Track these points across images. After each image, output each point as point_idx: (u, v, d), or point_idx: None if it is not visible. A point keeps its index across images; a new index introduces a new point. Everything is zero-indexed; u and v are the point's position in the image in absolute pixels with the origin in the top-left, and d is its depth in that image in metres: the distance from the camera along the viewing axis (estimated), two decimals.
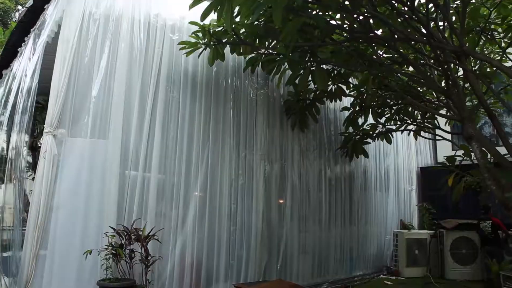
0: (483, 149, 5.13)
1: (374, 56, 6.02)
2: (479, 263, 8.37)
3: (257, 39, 5.63)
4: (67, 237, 4.82)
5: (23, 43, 6.74)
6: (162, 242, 5.32)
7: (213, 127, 6.24)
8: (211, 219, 6.04)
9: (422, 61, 6.32)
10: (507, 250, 7.79)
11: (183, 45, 5.71)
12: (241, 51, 5.84)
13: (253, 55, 6.07)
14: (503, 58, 5.77)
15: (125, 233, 4.95)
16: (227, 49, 5.93)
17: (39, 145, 6.72)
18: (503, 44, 5.94)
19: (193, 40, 5.69)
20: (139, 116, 5.51)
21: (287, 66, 5.58)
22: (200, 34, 5.63)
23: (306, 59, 5.58)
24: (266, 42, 5.81)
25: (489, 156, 5.15)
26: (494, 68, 5.68)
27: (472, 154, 5.27)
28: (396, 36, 5.40)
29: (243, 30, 5.51)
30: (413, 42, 5.45)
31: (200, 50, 5.81)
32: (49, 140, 4.78)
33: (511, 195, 4.54)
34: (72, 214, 4.90)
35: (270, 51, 5.94)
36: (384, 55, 6.62)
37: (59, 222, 4.79)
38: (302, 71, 5.63)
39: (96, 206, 5.06)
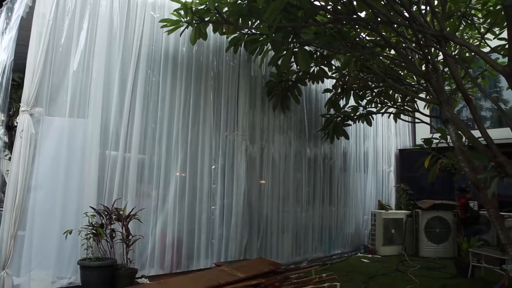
0: (459, 132, 5.29)
1: (357, 39, 6.04)
2: (451, 241, 8.73)
3: (240, 19, 5.56)
4: (46, 217, 4.79)
5: None
6: (143, 222, 5.34)
7: (193, 107, 6.21)
8: (192, 198, 6.09)
9: (403, 45, 6.38)
10: (479, 229, 8.16)
11: (165, 23, 5.59)
12: (224, 30, 5.76)
13: (235, 34, 6.00)
14: (482, 44, 5.88)
15: (106, 213, 4.95)
16: (209, 28, 5.85)
17: (15, 124, 6.54)
18: (482, 30, 6.04)
19: (174, 18, 5.57)
20: (119, 96, 5.43)
21: (270, 47, 5.55)
22: (182, 12, 5.51)
23: (289, 40, 5.56)
24: (249, 22, 5.75)
25: (464, 139, 5.32)
26: (473, 54, 5.78)
27: (449, 137, 5.43)
28: (379, 19, 5.42)
29: (226, 8, 5.42)
30: (395, 26, 5.48)
31: (182, 28, 5.70)
32: (25, 119, 4.66)
33: (483, 177, 4.72)
34: (50, 194, 4.85)
35: (253, 31, 5.88)
36: (367, 37, 6.65)
37: (38, 203, 4.74)
38: (285, 52, 5.61)
39: (76, 186, 5.02)
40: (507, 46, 4.96)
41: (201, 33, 5.64)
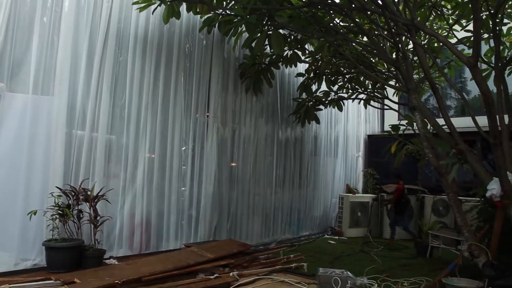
0: (425, 119, 5.48)
1: (331, 24, 6.08)
2: (413, 224, 9.13)
3: None
4: (9, 197, 4.62)
5: None
6: (111, 202, 5.26)
7: (164, 88, 6.09)
8: (161, 180, 6.04)
9: (376, 32, 6.48)
10: (409, 214, 8.71)
11: (136, 0, 5.40)
12: (198, 10, 5.63)
13: (210, 15, 5.88)
14: (450, 35, 6.06)
15: (73, 193, 4.84)
16: (183, 7, 5.70)
17: None
18: (450, 21, 6.21)
19: None
20: (86, 74, 5.24)
21: (244, 29, 5.49)
22: None
23: (264, 22, 5.52)
24: (224, 2, 5.65)
25: (429, 126, 5.53)
26: (441, 44, 5.95)
27: (415, 123, 5.63)
28: (353, 5, 5.46)
29: None
30: (368, 12, 5.54)
31: (154, 6, 5.52)
32: None
33: (445, 163, 4.95)
34: (13, 173, 4.67)
35: (228, 12, 5.79)
36: (341, 23, 6.70)
37: None
38: (259, 34, 5.57)
39: (41, 165, 4.86)
40: (472, 38, 5.14)
41: (174, 12, 5.49)
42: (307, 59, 7.47)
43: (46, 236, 4.70)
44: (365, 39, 7.08)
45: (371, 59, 7.39)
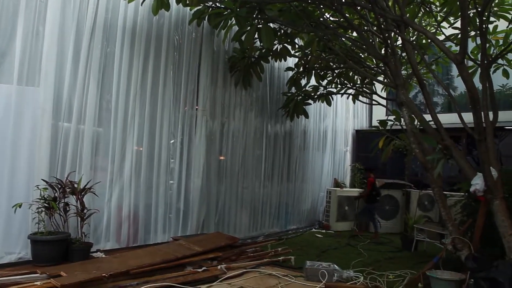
0: (412, 115, 5.55)
1: (321, 19, 6.08)
2: (399, 218, 9.28)
3: None
4: None
5: None
6: (98, 195, 5.22)
7: (152, 80, 6.04)
8: (149, 173, 6.01)
9: (365, 28, 6.51)
10: (378, 206, 8.86)
11: None
12: (187, 2, 5.58)
13: (199, 7, 5.83)
14: (438, 32, 6.11)
15: (59, 186, 4.78)
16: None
17: None
18: (438, 18, 6.27)
19: None
20: (73, 65, 5.16)
21: (234, 22, 5.46)
22: None
23: (254, 15, 5.49)
24: None
25: (416, 122, 5.60)
26: (429, 40, 6.01)
27: (402, 119, 5.69)
28: (343, 0, 5.47)
29: None
30: (358, 8, 5.56)
31: None
32: None
33: (431, 158, 5.02)
34: None
35: (218, 4, 5.74)
36: (331, 18, 6.70)
37: None
38: (249, 28, 5.55)
39: (26, 158, 4.78)
40: (459, 36, 5.20)
41: (163, 3, 5.42)
42: (296, 54, 7.47)
43: (31, 229, 4.65)
44: (354, 34, 7.11)
45: (360, 54, 7.43)
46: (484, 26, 4.77)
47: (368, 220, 8.84)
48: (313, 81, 7.89)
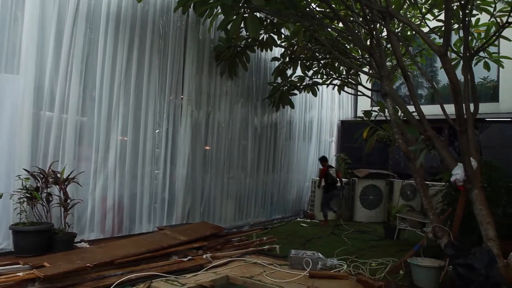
0: (396, 106, 5.62)
1: (307, 9, 6.06)
2: (383, 207, 9.46)
3: None
4: None
5: None
6: (82, 185, 5.15)
7: (137, 69, 5.94)
8: (134, 162, 5.96)
9: (351, 18, 6.52)
10: (336, 194, 9.11)
11: None
12: None
13: None
14: (422, 24, 6.18)
15: (41, 176, 4.70)
16: None
17: None
18: (423, 10, 6.33)
19: None
20: (55, 52, 5.03)
21: (219, 10, 5.40)
22: None
23: (240, 4, 5.44)
24: None
25: (400, 112, 5.68)
26: (413, 32, 6.07)
27: (386, 110, 5.76)
28: None
29: None
30: None
31: None
32: None
33: (414, 148, 5.12)
34: None
35: None
36: (317, 8, 6.69)
37: None
38: (235, 17, 5.50)
39: (6, 147, 4.67)
40: (443, 28, 5.27)
41: None
42: (282, 44, 7.45)
43: (13, 220, 4.57)
44: (340, 25, 7.12)
45: (346, 45, 7.45)
46: (467, 19, 4.84)
47: (323, 208, 9.02)
48: (299, 72, 7.89)
